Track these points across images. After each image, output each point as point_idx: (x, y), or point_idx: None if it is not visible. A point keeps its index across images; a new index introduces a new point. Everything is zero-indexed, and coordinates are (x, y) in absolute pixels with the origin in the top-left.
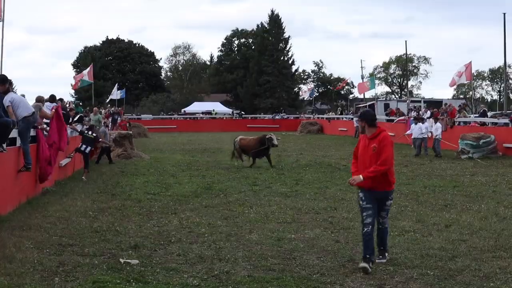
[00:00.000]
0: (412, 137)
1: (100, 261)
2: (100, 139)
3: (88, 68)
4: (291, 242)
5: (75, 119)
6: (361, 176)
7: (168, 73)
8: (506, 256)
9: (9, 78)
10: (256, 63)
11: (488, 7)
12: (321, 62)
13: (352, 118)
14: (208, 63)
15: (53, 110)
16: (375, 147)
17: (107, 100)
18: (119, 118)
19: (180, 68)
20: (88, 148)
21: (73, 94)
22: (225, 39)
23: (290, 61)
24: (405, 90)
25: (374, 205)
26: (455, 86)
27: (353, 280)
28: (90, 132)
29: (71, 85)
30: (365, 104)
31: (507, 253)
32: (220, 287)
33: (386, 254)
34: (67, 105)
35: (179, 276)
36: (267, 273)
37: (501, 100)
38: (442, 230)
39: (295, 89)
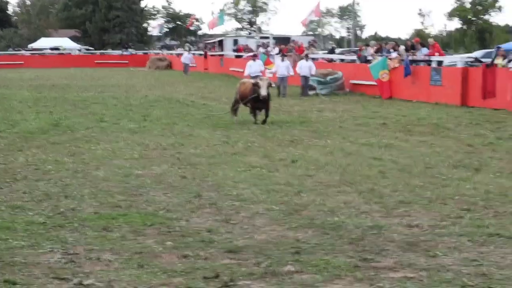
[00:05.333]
0: (279, 75)
1: None
2: None
3: None
4: (138, 178)
5: None
6: None
7: (16, 8)
8: (350, 191)
9: None
10: None
11: None
12: None
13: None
14: None
15: None
16: None
17: None
18: None
19: (28, 3)
20: None
21: None
22: None
23: None
24: (254, 26)
25: None
26: (306, 23)
27: (199, 215)
28: None
29: None
30: (214, 40)
31: (352, 188)
32: (66, 225)
33: None
34: None
35: (25, 214)
36: (114, 209)
37: (349, 37)
38: (289, 166)
39: (144, 25)
